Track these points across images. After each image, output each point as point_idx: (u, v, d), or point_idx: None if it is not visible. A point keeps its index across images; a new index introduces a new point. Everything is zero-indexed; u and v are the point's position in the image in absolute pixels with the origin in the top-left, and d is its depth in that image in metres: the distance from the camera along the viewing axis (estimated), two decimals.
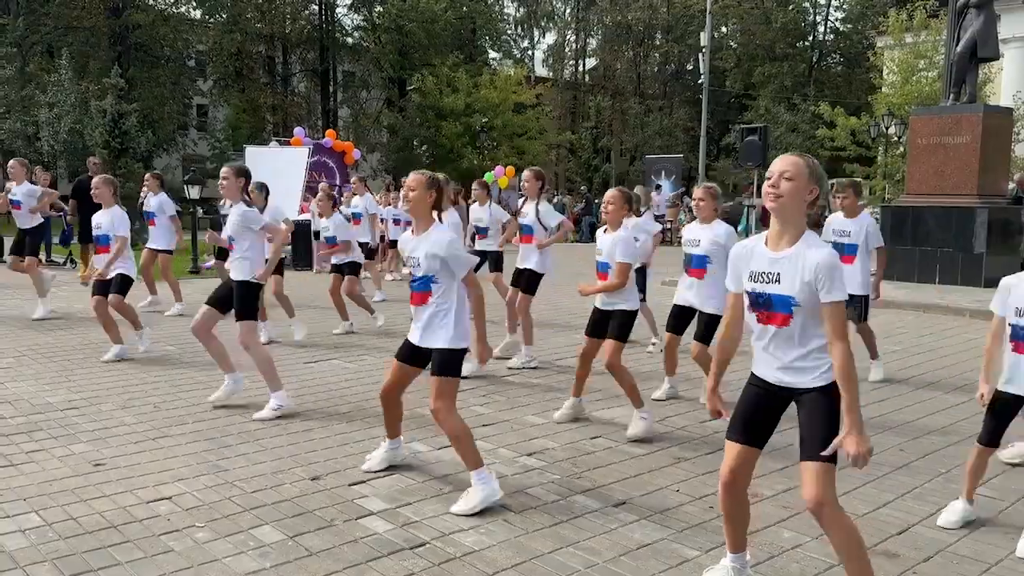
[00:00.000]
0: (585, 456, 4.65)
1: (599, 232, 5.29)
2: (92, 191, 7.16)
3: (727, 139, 39.70)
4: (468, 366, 6.50)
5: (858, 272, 6.43)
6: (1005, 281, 3.82)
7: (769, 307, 2.80)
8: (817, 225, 5.18)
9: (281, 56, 41.95)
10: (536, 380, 6.53)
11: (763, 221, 29.89)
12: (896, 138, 24.41)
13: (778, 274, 2.77)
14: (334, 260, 8.54)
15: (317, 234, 14.29)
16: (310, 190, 16.33)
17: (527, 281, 7.13)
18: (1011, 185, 14.64)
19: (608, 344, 5.01)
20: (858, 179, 5.83)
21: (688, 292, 5.64)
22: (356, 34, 41.34)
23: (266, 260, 5.64)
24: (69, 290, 10.97)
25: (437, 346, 3.93)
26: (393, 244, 12.88)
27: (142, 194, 10.11)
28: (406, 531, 3.58)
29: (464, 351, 3.98)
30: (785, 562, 3.35)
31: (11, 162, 9.50)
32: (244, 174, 5.59)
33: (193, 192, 14.11)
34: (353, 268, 8.52)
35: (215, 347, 5.58)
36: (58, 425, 5.05)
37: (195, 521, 3.64)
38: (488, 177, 23.47)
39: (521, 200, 7.42)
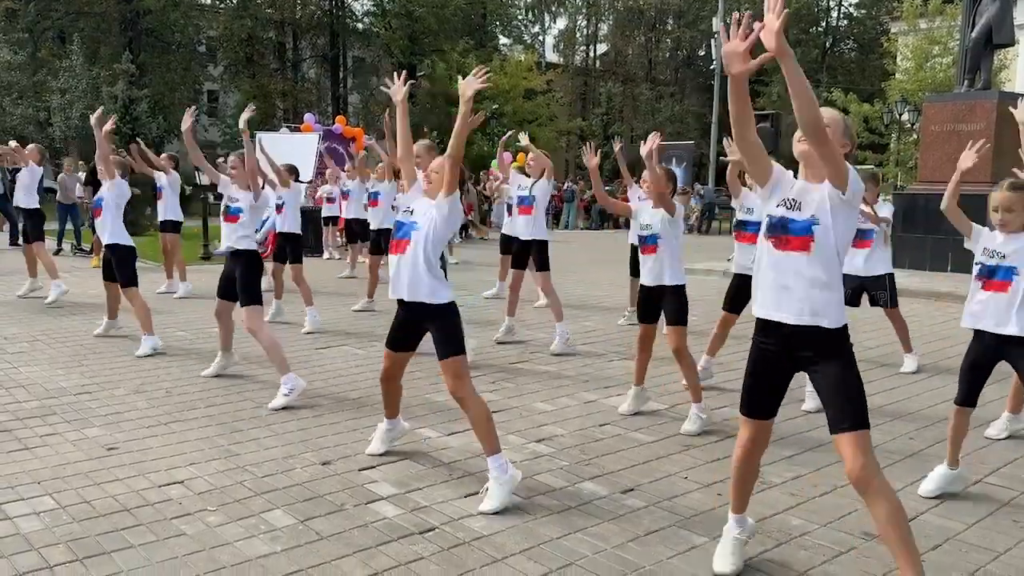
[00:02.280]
0: (594, 443, 4.66)
1: (641, 204, 5.20)
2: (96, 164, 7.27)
3: None
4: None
5: (877, 252, 6.41)
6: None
7: (787, 231, 2.78)
8: None
9: (291, 42, 41.92)
10: (545, 367, 6.55)
11: None
12: (909, 125, 24.22)
13: (800, 202, 2.78)
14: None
15: (327, 220, 14.33)
16: (320, 176, 16.35)
17: (538, 255, 7.27)
18: None
19: (671, 331, 4.97)
20: (875, 169, 5.84)
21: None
22: (366, 20, 41.24)
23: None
24: (82, 275, 11.04)
25: (434, 303, 3.83)
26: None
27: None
28: (415, 516, 3.61)
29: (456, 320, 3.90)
30: (793, 549, 3.36)
31: (30, 147, 9.78)
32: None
33: (204, 178, 14.15)
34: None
35: (226, 331, 5.94)
36: (71, 409, 5.10)
37: (207, 505, 3.68)
38: (493, 164, 23.42)
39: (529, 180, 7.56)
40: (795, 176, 2.92)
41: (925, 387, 6.10)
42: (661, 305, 5.02)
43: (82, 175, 15.33)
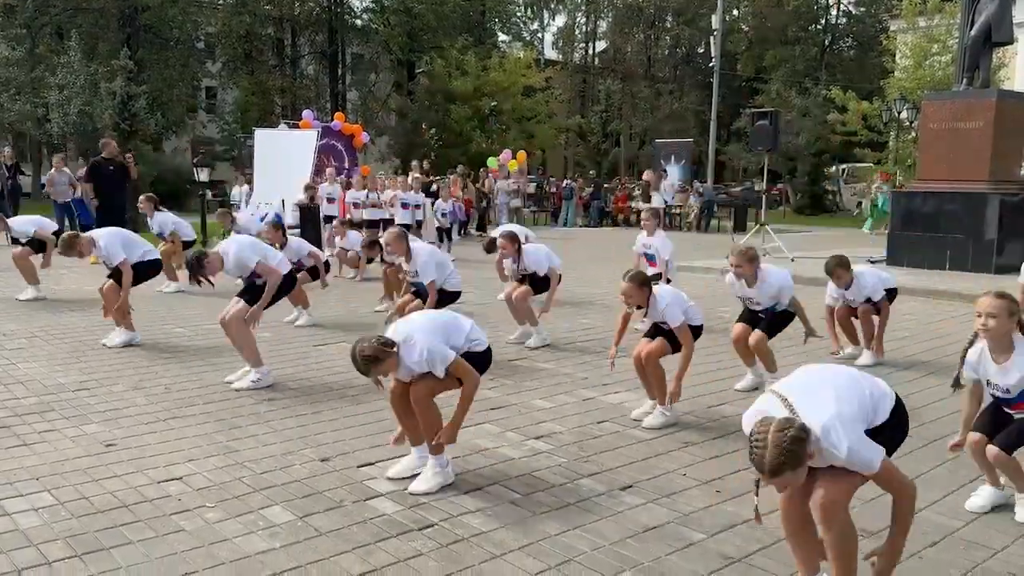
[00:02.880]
0: (592, 440, 4.67)
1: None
2: (139, 205, 7.28)
3: (738, 123, 39.43)
4: None
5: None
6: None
7: None
8: None
9: (290, 38, 41.84)
10: (543, 364, 6.55)
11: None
12: (908, 123, 24.23)
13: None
14: None
15: (327, 219, 14.35)
16: (319, 173, 16.35)
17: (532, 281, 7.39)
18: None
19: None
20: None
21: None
22: (365, 16, 41.16)
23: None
24: (81, 272, 11.02)
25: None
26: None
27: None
28: (414, 512, 3.61)
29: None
30: None
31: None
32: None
33: (202, 175, 14.15)
34: None
35: (244, 340, 5.77)
36: (70, 406, 5.10)
37: (205, 501, 3.68)
38: (491, 162, 23.42)
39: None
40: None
41: (921, 385, 6.11)
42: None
43: (67, 171, 15.21)
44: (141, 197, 10.66)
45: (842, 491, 2.67)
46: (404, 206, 13.48)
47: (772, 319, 5.70)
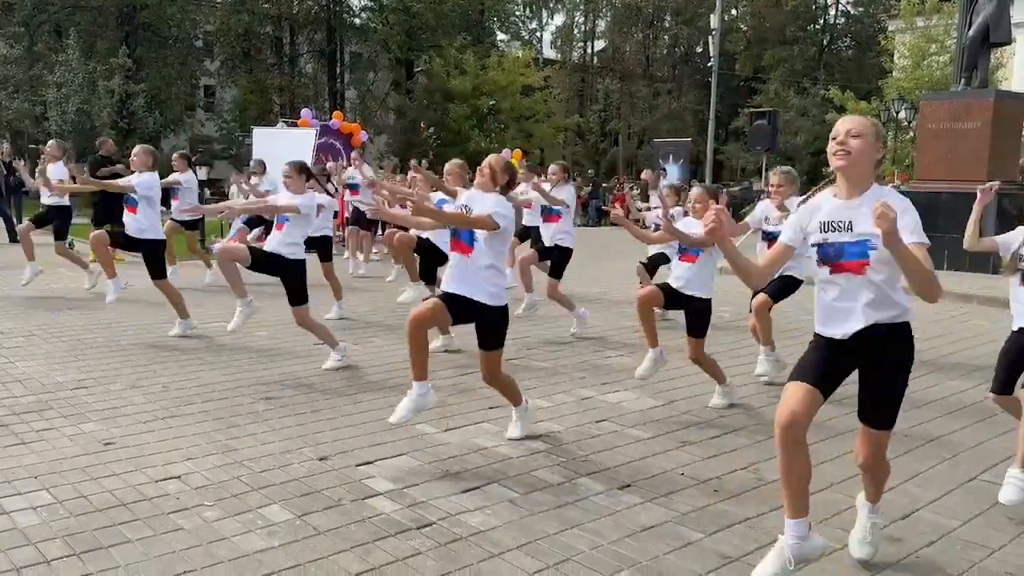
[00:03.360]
0: (590, 439, 4.67)
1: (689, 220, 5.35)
2: (131, 159, 7.31)
3: (736, 123, 39.49)
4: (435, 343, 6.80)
5: None
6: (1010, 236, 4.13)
7: (840, 256, 2.86)
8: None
9: (288, 37, 41.78)
10: (541, 363, 6.56)
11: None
12: (906, 123, 24.26)
13: (850, 221, 2.83)
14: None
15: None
16: (322, 171, 16.33)
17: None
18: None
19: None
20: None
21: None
22: (364, 15, 41.12)
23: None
24: (79, 271, 11.00)
25: (479, 301, 4.23)
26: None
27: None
28: (413, 511, 3.62)
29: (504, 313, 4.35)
30: None
31: (50, 143, 9.89)
32: (304, 169, 6.21)
33: (201, 173, 14.12)
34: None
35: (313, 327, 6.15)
36: (68, 404, 5.10)
37: (204, 500, 3.68)
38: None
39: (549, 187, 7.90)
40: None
41: (920, 384, 6.11)
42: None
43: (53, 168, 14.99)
44: (175, 154, 10.88)
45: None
46: (402, 205, 13.39)
47: (781, 284, 5.79)
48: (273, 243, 5.98)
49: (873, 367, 2.97)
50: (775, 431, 2.86)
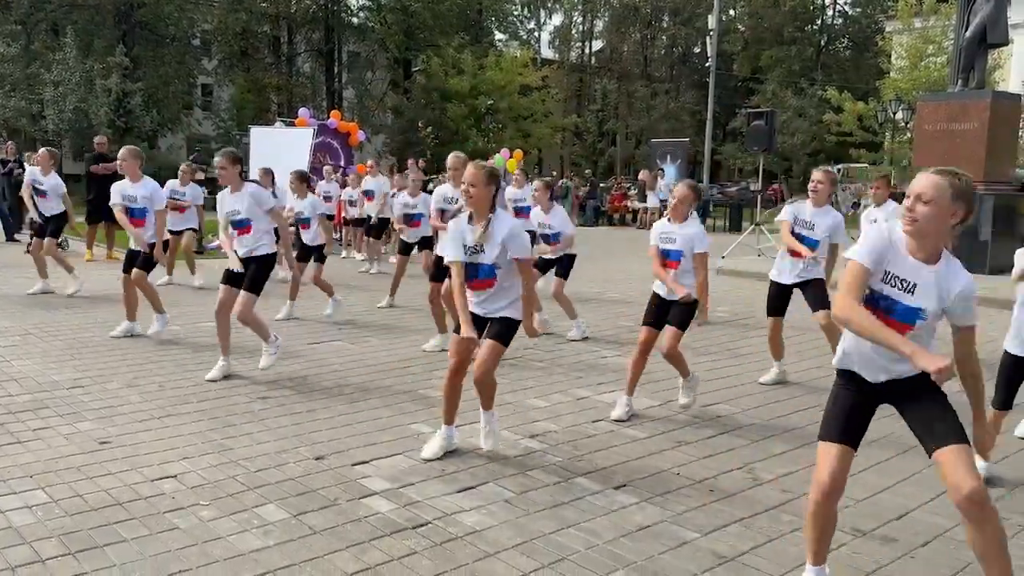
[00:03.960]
0: (586, 439, 4.67)
1: (664, 222, 5.19)
2: (118, 163, 7.14)
3: (734, 123, 39.53)
4: (433, 341, 6.89)
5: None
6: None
7: (889, 313, 2.70)
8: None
9: (286, 36, 41.80)
10: (538, 363, 6.56)
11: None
12: (903, 124, 24.29)
13: (915, 285, 2.67)
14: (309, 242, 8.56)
15: (328, 217, 14.37)
16: (315, 171, 16.33)
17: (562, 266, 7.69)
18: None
19: (669, 331, 5.04)
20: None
21: (794, 272, 5.81)
22: (362, 14, 41.14)
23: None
24: (63, 272, 10.98)
25: (501, 315, 4.17)
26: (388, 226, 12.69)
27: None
28: (408, 511, 3.62)
29: (519, 323, 4.26)
30: (784, 545, 3.37)
31: (41, 151, 9.58)
32: (239, 160, 5.83)
33: (198, 172, 14.11)
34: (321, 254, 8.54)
35: (224, 331, 5.88)
36: (64, 403, 5.09)
37: (199, 499, 3.68)
38: (499, 161, 23.40)
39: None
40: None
41: None
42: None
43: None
44: (183, 164, 10.80)
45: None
46: (412, 220, 13.02)
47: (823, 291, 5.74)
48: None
49: (908, 399, 2.83)
50: (812, 492, 2.85)
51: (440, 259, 6.61)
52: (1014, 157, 13.86)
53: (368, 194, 12.62)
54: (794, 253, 5.76)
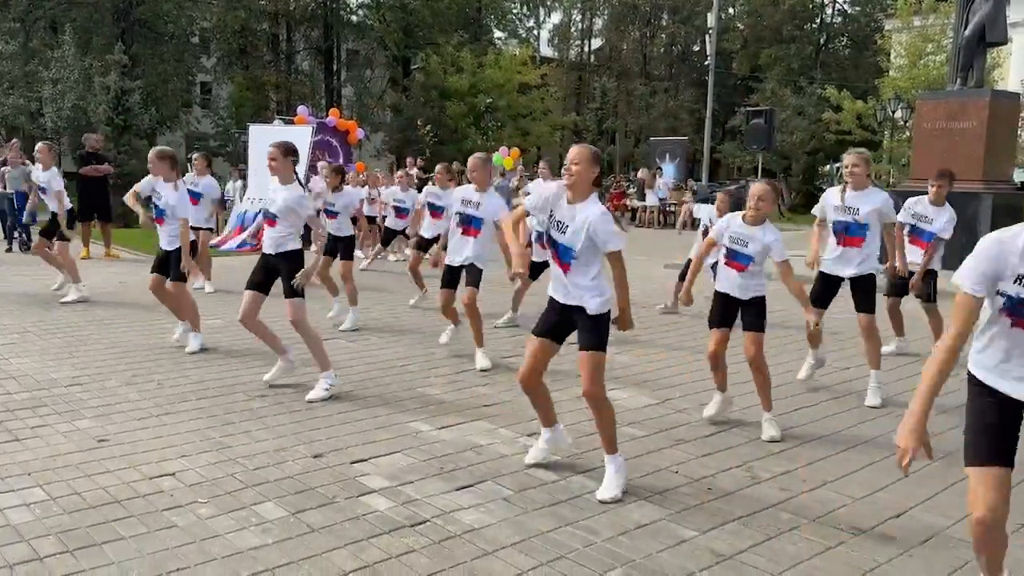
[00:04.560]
0: (585, 437, 4.67)
1: (739, 221, 4.91)
2: (148, 166, 6.72)
3: (733, 121, 39.47)
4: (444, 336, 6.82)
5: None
6: None
7: None
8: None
9: (285, 34, 41.72)
10: None
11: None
12: (902, 122, 24.29)
13: None
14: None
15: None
16: (312, 169, 16.32)
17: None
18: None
19: (749, 336, 4.80)
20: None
21: (840, 263, 5.67)
22: (361, 12, 41.07)
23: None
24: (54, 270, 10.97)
25: (589, 309, 3.81)
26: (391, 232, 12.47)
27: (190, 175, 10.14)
28: (407, 509, 3.62)
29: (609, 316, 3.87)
30: (783, 543, 3.38)
31: (39, 145, 9.30)
32: (294, 152, 5.49)
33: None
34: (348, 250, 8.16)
35: (264, 334, 5.64)
36: (62, 401, 5.09)
37: (198, 497, 3.68)
38: (496, 159, 23.40)
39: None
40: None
41: (914, 383, 6.11)
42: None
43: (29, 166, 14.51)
44: (197, 155, 10.13)
45: None
46: (399, 213, 12.84)
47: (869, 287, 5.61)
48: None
49: None
50: (975, 530, 2.52)
51: (449, 267, 6.44)
52: (1013, 156, 13.86)
53: (401, 211, 12.12)
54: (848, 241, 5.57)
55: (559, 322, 3.96)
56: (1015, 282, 2.43)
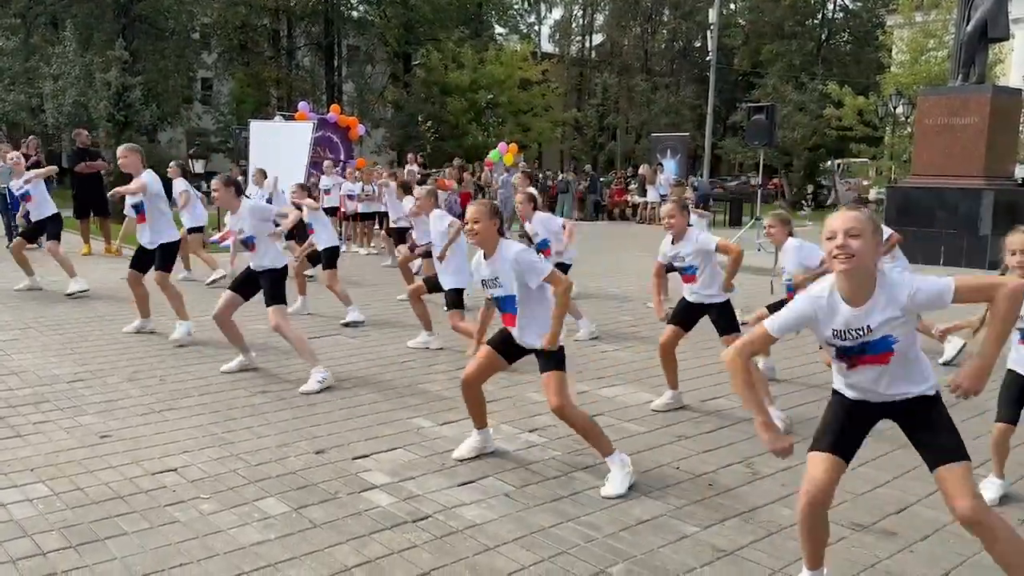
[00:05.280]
0: None
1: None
2: (119, 160, 6.81)
3: (734, 117, 39.47)
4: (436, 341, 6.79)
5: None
6: None
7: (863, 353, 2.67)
8: None
9: (286, 29, 41.70)
10: None
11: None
12: (904, 118, 24.25)
13: (867, 326, 2.60)
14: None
15: (327, 211, 14.33)
16: (314, 165, 16.32)
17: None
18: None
19: (725, 340, 4.95)
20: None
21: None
22: (361, 8, 41.03)
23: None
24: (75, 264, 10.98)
25: (538, 347, 3.90)
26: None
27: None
28: (409, 504, 3.63)
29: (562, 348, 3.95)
30: (783, 539, 3.38)
31: (30, 139, 9.27)
32: (234, 183, 5.78)
33: (198, 166, 14.13)
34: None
35: (234, 333, 5.84)
36: (64, 397, 5.10)
37: (200, 493, 3.69)
38: (494, 155, 23.39)
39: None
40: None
41: None
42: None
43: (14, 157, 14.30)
44: (172, 164, 10.48)
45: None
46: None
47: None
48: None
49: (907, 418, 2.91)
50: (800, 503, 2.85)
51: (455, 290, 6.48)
52: (1014, 152, 13.86)
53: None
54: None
55: (514, 350, 4.10)
56: (835, 336, 2.67)
